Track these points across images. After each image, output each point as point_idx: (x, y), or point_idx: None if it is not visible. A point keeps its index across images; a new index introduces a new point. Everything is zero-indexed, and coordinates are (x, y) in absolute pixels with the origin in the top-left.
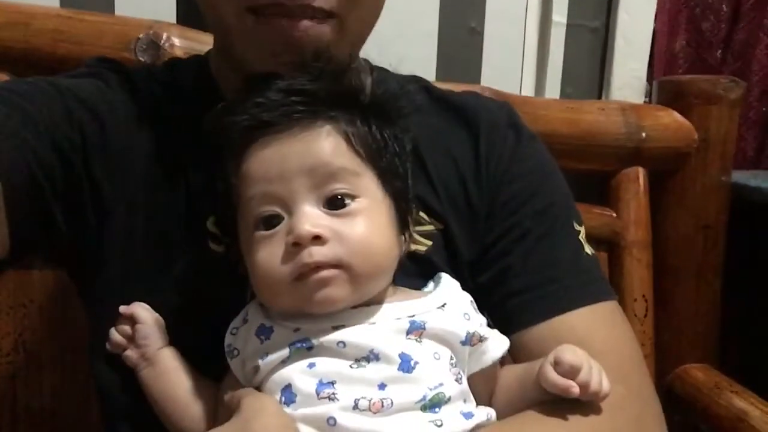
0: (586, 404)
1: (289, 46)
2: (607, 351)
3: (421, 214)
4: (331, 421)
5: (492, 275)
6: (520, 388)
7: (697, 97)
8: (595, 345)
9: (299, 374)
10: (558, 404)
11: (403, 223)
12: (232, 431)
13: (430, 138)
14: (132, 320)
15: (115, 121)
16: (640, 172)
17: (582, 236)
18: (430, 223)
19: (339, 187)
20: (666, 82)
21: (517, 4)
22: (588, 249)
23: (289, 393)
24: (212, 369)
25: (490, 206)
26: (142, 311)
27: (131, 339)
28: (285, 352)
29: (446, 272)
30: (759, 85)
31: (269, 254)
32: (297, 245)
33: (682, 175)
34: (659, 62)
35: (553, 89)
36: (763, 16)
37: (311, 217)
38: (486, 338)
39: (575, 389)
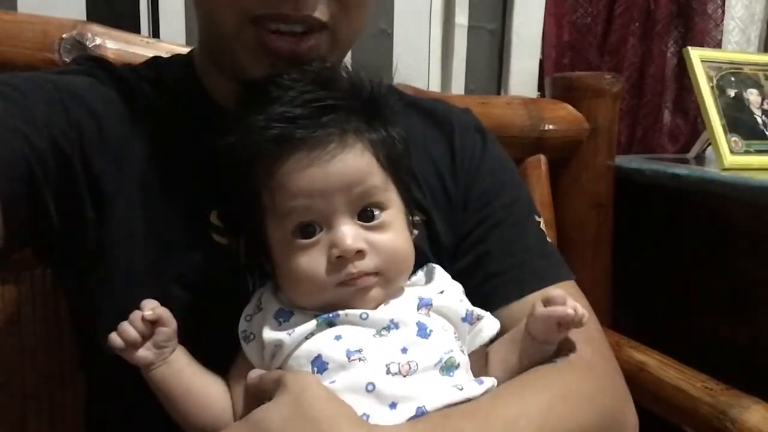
0: (566, 365)
1: (291, 60)
2: None
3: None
4: (369, 387)
5: (470, 260)
6: (513, 351)
7: (586, 91)
8: None
9: (327, 344)
10: (547, 367)
11: (412, 222)
12: (284, 407)
13: (410, 137)
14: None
15: (112, 118)
16: (542, 159)
17: (542, 225)
18: (416, 215)
19: (371, 202)
20: (558, 78)
21: (422, 8)
22: (548, 236)
23: (320, 362)
24: (216, 360)
25: (465, 199)
26: (168, 314)
27: (145, 337)
28: (312, 323)
29: (430, 258)
30: (629, 80)
31: (312, 262)
32: (341, 258)
33: (576, 161)
34: (548, 60)
35: (458, 86)
36: (630, 21)
37: (352, 233)
38: (482, 317)
39: (570, 311)
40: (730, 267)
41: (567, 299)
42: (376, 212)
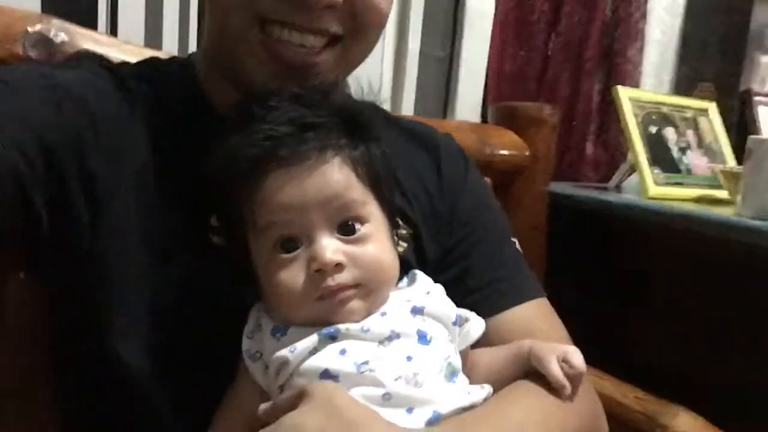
0: None
1: (298, 72)
2: (552, 336)
3: (398, 220)
4: (386, 396)
5: (453, 274)
6: (504, 367)
7: (528, 120)
8: (542, 330)
9: (334, 359)
10: (536, 380)
11: (395, 234)
12: (317, 411)
13: (396, 155)
14: None
15: (108, 118)
16: (488, 182)
17: (517, 245)
18: (404, 228)
19: (350, 216)
20: (502, 107)
21: None
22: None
23: (329, 377)
24: (212, 370)
25: (450, 216)
26: None
27: None
28: (313, 339)
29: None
30: (561, 111)
31: (291, 277)
32: (319, 271)
33: (519, 185)
34: (491, 89)
35: (407, 109)
36: (565, 59)
37: (330, 247)
38: (469, 319)
39: (568, 390)
40: (654, 285)
41: (583, 368)
42: (357, 226)
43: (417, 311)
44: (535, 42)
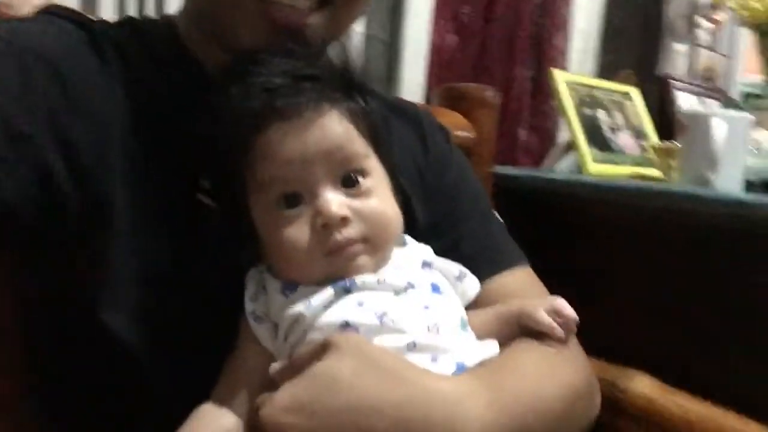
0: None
1: (290, 33)
2: (541, 299)
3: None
4: (411, 345)
5: (444, 243)
6: (498, 326)
7: (472, 101)
8: (532, 294)
9: (352, 311)
10: (533, 337)
11: (395, 188)
12: (349, 359)
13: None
14: None
15: (83, 81)
16: None
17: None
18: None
19: (353, 168)
20: (447, 88)
21: None
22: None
23: (349, 329)
24: (208, 334)
25: (438, 187)
26: None
27: None
28: (328, 292)
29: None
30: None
31: (297, 233)
32: (326, 226)
33: None
34: (432, 72)
35: None
36: (500, 45)
37: (335, 200)
38: (465, 276)
39: (560, 332)
40: (594, 257)
41: (572, 318)
42: (359, 178)
43: (426, 265)
44: (472, 27)
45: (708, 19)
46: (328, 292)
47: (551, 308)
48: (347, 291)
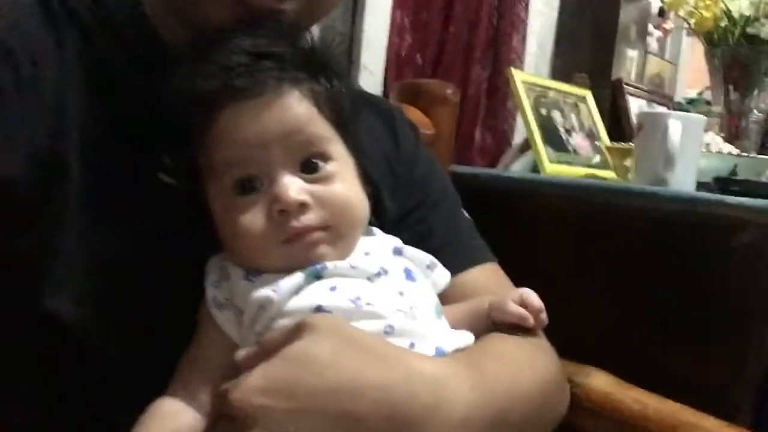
0: (516, 332)
1: (262, 17)
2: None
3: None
4: (388, 329)
5: (413, 235)
6: (470, 320)
7: (432, 98)
8: (500, 290)
9: (325, 295)
10: (505, 330)
11: (363, 178)
12: (327, 340)
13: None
14: None
15: (37, 61)
16: None
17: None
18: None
19: (313, 152)
20: (406, 84)
21: None
22: None
23: (323, 313)
24: (162, 321)
25: (407, 179)
26: None
27: None
28: (297, 277)
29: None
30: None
31: (252, 219)
32: (283, 212)
33: None
34: (391, 68)
35: None
36: (459, 42)
37: (293, 185)
38: (436, 266)
39: (531, 320)
40: (553, 254)
41: (541, 305)
42: (320, 163)
43: (397, 252)
44: (432, 25)
45: (657, 27)
46: (297, 276)
47: (519, 299)
48: (318, 276)
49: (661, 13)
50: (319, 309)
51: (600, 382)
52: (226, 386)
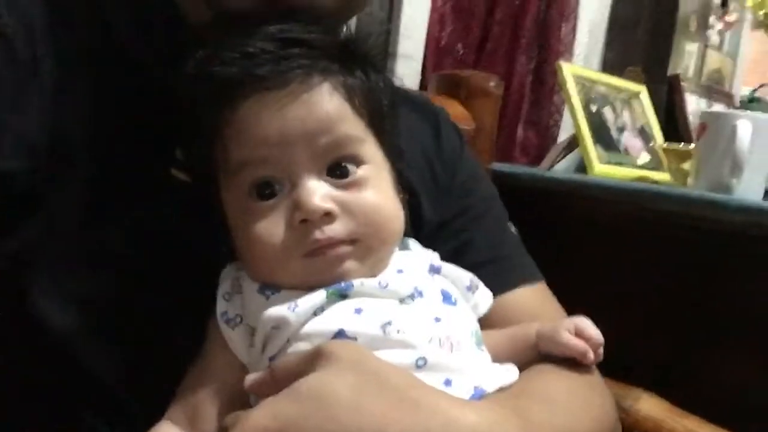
0: (565, 363)
1: (285, 6)
2: (557, 318)
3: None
4: (420, 362)
5: (452, 247)
6: (512, 349)
7: (473, 91)
8: (548, 315)
9: (349, 318)
10: (553, 363)
11: (400, 184)
12: (347, 374)
13: None
14: None
15: (38, 41)
16: None
17: (513, 229)
18: (401, 193)
19: (343, 155)
20: (446, 75)
21: None
22: None
23: (345, 339)
24: (170, 332)
25: (449, 185)
26: None
27: None
28: (319, 295)
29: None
30: None
31: (270, 228)
32: (305, 222)
33: None
34: (430, 58)
35: None
36: (503, 33)
37: (318, 191)
38: (478, 287)
39: (590, 356)
40: (598, 261)
41: (600, 337)
42: (350, 167)
43: (435, 270)
44: (475, 12)
45: (720, 20)
46: (318, 294)
47: (575, 329)
48: (342, 296)
49: (724, 3)
50: (340, 334)
51: (650, 407)
52: (228, 420)
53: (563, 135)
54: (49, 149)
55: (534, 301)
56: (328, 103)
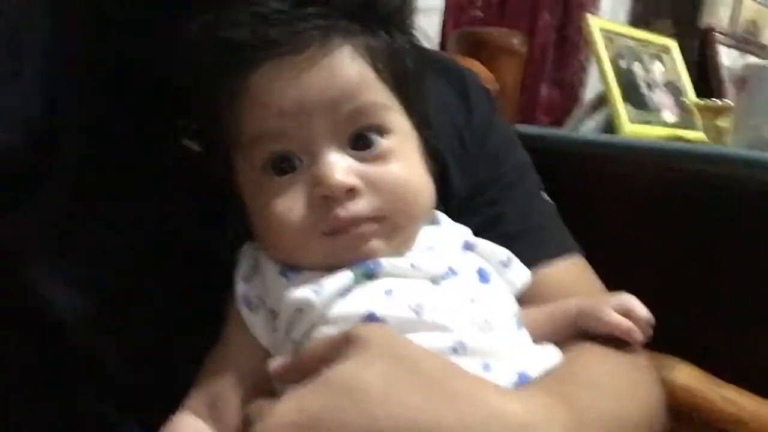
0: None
1: None
2: (597, 296)
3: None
4: (458, 347)
5: (483, 219)
6: (551, 327)
7: (496, 49)
8: (587, 290)
9: (378, 300)
10: (595, 341)
11: (429, 154)
12: (380, 363)
13: None
14: None
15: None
16: None
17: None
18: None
19: (367, 124)
20: (467, 33)
21: None
22: None
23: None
24: (182, 318)
25: (480, 152)
26: None
27: None
28: (346, 276)
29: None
30: None
31: (289, 205)
32: (326, 198)
33: None
34: (449, 14)
35: None
36: None
37: (340, 165)
38: (512, 261)
39: (638, 334)
40: (629, 228)
41: (649, 319)
42: (375, 137)
43: (468, 247)
44: None
45: None
46: (345, 275)
47: (621, 307)
48: (370, 276)
49: None
50: (371, 317)
51: (686, 377)
52: (251, 410)
53: (588, 94)
54: (43, 127)
55: (571, 275)
56: (349, 68)
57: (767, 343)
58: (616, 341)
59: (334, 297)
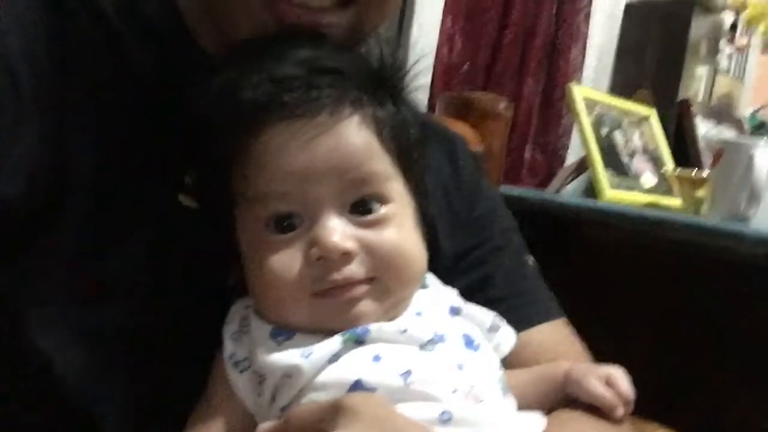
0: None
1: (295, 29)
2: (579, 359)
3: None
4: (445, 416)
5: (470, 281)
6: (537, 391)
7: (482, 112)
8: (570, 354)
9: (366, 367)
10: (580, 408)
11: (423, 221)
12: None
13: None
14: None
15: (40, 74)
16: None
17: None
18: None
19: (368, 192)
20: (455, 97)
21: None
22: None
23: (362, 391)
24: (173, 369)
25: (467, 216)
26: None
27: None
28: (335, 342)
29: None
30: None
31: (285, 263)
32: (323, 260)
33: None
34: (438, 78)
35: None
36: (514, 52)
37: (339, 230)
38: (500, 327)
39: (620, 411)
40: (615, 293)
41: (631, 397)
42: (375, 205)
43: (455, 312)
44: (485, 33)
45: (730, 44)
46: (334, 341)
47: (606, 379)
48: (359, 341)
49: (733, 27)
50: (358, 384)
51: None
52: None
53: (571, 158)
54: (49, 177)
55: (554, 338)
56: (356, 137)
57: (739, 403)
58: (600, 409)
59: (323, 362)
